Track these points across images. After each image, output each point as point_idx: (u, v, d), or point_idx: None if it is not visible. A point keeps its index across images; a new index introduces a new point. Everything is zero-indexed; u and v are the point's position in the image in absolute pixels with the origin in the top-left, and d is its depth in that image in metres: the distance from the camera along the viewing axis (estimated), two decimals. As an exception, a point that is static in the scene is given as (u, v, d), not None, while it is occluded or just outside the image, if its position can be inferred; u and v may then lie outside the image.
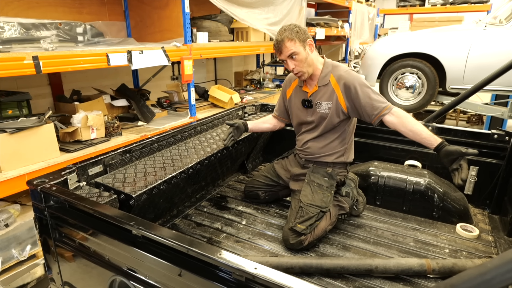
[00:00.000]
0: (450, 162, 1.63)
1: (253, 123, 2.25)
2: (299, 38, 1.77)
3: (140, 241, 1.16)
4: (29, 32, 2.43)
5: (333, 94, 1.87)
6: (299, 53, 1.78)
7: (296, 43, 1.77)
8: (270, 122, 2.29)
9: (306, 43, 1.81)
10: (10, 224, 2.12)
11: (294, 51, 1.78)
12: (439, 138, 1.68)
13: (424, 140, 1.71)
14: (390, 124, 1.78)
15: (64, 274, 1.49)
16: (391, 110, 1.76)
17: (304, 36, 1.80)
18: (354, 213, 2.11)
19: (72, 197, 1.32)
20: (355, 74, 1.85)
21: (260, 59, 6.53)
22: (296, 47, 1.77)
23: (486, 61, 3.87)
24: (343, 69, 1.88)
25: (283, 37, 1.77)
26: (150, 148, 2.03)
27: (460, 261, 1.61)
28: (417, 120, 1.74)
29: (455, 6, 8.12)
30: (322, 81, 1.90)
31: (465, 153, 1.58)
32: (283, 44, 1.78)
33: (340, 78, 1.85)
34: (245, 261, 0.95)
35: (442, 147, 1.65)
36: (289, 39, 1.76)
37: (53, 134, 2.25)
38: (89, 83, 3.37)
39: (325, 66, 1.91)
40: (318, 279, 1.59)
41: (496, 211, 2.18)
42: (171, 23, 3.30)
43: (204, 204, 2.29)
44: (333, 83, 1.87)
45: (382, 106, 1.77)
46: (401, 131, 1.76)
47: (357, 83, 1.81)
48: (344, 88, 1.84)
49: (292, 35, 1.76)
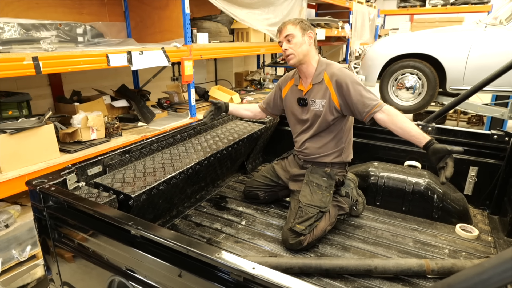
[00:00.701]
0: (437, 160, 1.63)
1: (235, 106, 2.28)
2: (301, 26, 1.87)
3: (139, 241, 1.16)
4: (29, 32, 2.43)
5: (326, 92, 1.89)
6: (295, 36, 1.86)
7: (297, 28, 1.87)
8: (252, 110, 2.31)
9: (306, 33, 1.88)
10: (10, 225, 2.12)
11: (292, 33, 1.86)
12: (428, 136, 1.68)
13: (413, 138, 1.71)
14: (381, 122, 1.78)
15: (63, 274, 1.49)
16: (382, 108, 1.77)
17: (307, 27, 1.89)
18: (354, 214, 2.11)
19: (71, 197, 1.33)
20: (347, 71, 1.87)
21: (260, 59, 6.53)
22: (295, 30, 1.86)
23: (486, 61, 3.87)
24: (336, 66, 1.90)
25: (288, 22, 1.90)
26: (150, 149, 2.04)
27: (460, 262, 1.61)
28: (409, 120, 1.75)
29: (455, 7, 8.12)
30: (316, 78, 1.92)
31: (451, 150, 1.58)
32: (285, 26, 1.89)
33: (332, 75, 1.87)
34: (243, 261, 0.95)
35: (430, 145, 1.65)
36: (292, 24, 1.88)
37: (53, 135, 2.26)
38: (89, 84, 3.37)
39: (319, 64, 1.93)
40: (317, 280, 1.59)
41: (496, 212, 2.18)
42: (171, 24, 3.31)
43: (204, 204, 2.30)
44: (327, 81, 1.89)
45: (373, 104, 1.78)
46: (391, 128, 1.77)
47: (348, 80, 1.82)
48: (336, 85, 1.85)
49: (297, 22, 1.89)
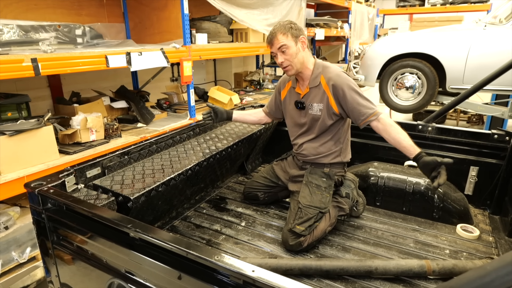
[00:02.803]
0: (429, 172, 1.67)
1: (239, 113, 2.30)
2: (292, 33, 1.80)
3: (138, 243, 1.16)
4: (28, 34, 2.43)
5: (324, 96, 1.88)
6: (289, 47, 1.80)
7: (288, 37, 1.80)
8: (256, 116, 2.32)
9: (298, 39, 1.83)
10: (10, 227, 2.12)
11: (284, 43, 1.80)
12: (418, 149, 1.71)
13: (404, 149, 1.75)
14: (375, 129, 1.83)
15: (62, 276, 1.48)
16: (378, 116, 1.80)
17: (298, 33, 1.82)
18: (354, 214, 2.10)
19: (70, 199, 1.32)
20: (345, 76, 1.86)
21: (259, 60, 6.52)
22: (287, 40, 1.80)
23: (486, 60, 3.86)
24: (334, 71, 1.88)
25: (276, 30, 1.81)
26: (149, 150, 2.03)
27: (461, 262, 1.60)
28: (403, 131, 1.78)
29: (454, 6, 8.11)
30: (313, 82, 1.90)
31: (441, 162, 1.62)
32: (275, 36, 1.81)
33: (329, 80, 1.86)
34: (243, 264, 0.95)
35: (420, 158, 1.69)
36: (281, 33, 1.80)
37: (53, 136, 2.25)
38: (88, 85, 3.36)
39: (315, 67, 1.91)
40: (318, 281, 1.58)
41: (497, 212, 2.18)
42: (170, 25, 3.30)
43: (203, 205, 2.29)
44: (324, 85, 1.88)
45: (369, 113, 1.80)
46: (384, 137, 1.81)
47: (345, 86, 1.82)
48: (333, 90, 1.85)
49: (286, 29, 1.80)
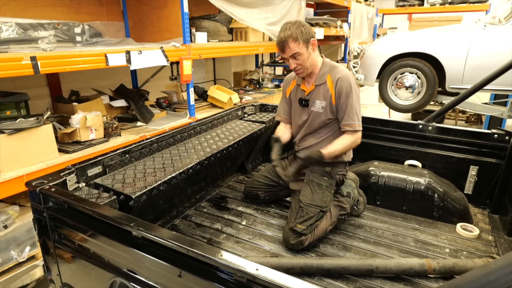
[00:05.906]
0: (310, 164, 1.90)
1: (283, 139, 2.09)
2: (302, 38, 1.76)
3: (140, 242, 1.15)
4: (27, 32, 2.42)
5: (327, 94, 1.89)
6: (302, 54, 1.79)
7: (300, 44, 1.76)
8: (286, 131, 2.15)
9: (309, 43, 1.81)
10: (9, 226, 2.10)
11: (297, 51, 1.77)
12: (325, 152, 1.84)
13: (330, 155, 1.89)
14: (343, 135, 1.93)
15: (64, 275, 1.48)
16: (352, 132, 1.87)
17: (308, 36, 1.79)
18: (355, 213, 2.11)
19: (71, 198, 1.32)
20: (352, 81, 1.87)
21: (259, 59, 6.52)
22: (299, 47, 1.77)
23: (485, 60, 3.87)
24: (342, 72, 1.89)
25: (287, 36, 1.75)
26: (150, 149, 2.03)
27: (461, 261, 1.61)
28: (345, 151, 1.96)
29: (454, 6, 8.12)
30: (319, 80, 1.92)
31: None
32: (286, 44, 1.76)
33: (336, 79, 1.87)
34: (247, 262, 0.95)
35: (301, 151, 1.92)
36: (293, 39, 1.75)
37: (52, 135, 2.24)
38: (88, 84, 3.35)
39: (323, 65, 1.92)
40: (319, 280, 1.59)
41: (496, 211, 2.19)
42: (169, 23, 3.29)
43: (204, 204, 2.29)
44: (329, 83, 1.89)
45: (351, 124, 1.86)
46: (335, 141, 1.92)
47: (348, 91, 1.84)
48: (337, 88, 1.86)
49: (297, 35, 1.75)
